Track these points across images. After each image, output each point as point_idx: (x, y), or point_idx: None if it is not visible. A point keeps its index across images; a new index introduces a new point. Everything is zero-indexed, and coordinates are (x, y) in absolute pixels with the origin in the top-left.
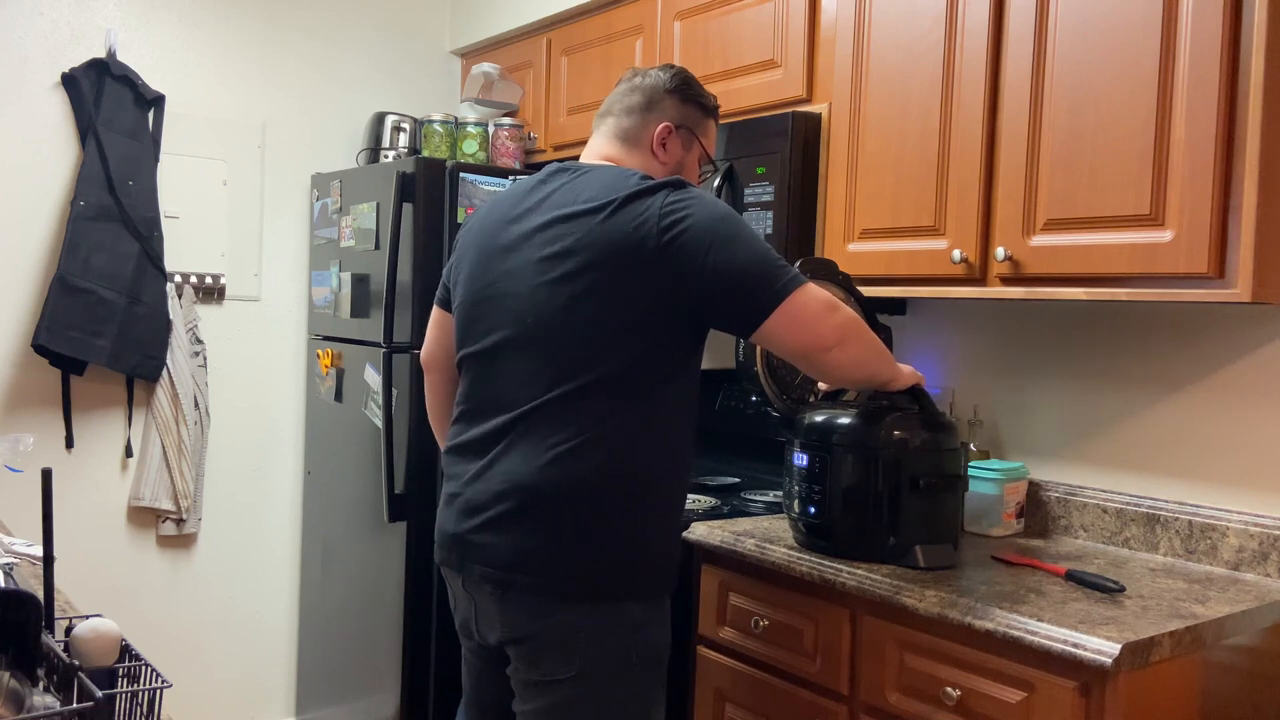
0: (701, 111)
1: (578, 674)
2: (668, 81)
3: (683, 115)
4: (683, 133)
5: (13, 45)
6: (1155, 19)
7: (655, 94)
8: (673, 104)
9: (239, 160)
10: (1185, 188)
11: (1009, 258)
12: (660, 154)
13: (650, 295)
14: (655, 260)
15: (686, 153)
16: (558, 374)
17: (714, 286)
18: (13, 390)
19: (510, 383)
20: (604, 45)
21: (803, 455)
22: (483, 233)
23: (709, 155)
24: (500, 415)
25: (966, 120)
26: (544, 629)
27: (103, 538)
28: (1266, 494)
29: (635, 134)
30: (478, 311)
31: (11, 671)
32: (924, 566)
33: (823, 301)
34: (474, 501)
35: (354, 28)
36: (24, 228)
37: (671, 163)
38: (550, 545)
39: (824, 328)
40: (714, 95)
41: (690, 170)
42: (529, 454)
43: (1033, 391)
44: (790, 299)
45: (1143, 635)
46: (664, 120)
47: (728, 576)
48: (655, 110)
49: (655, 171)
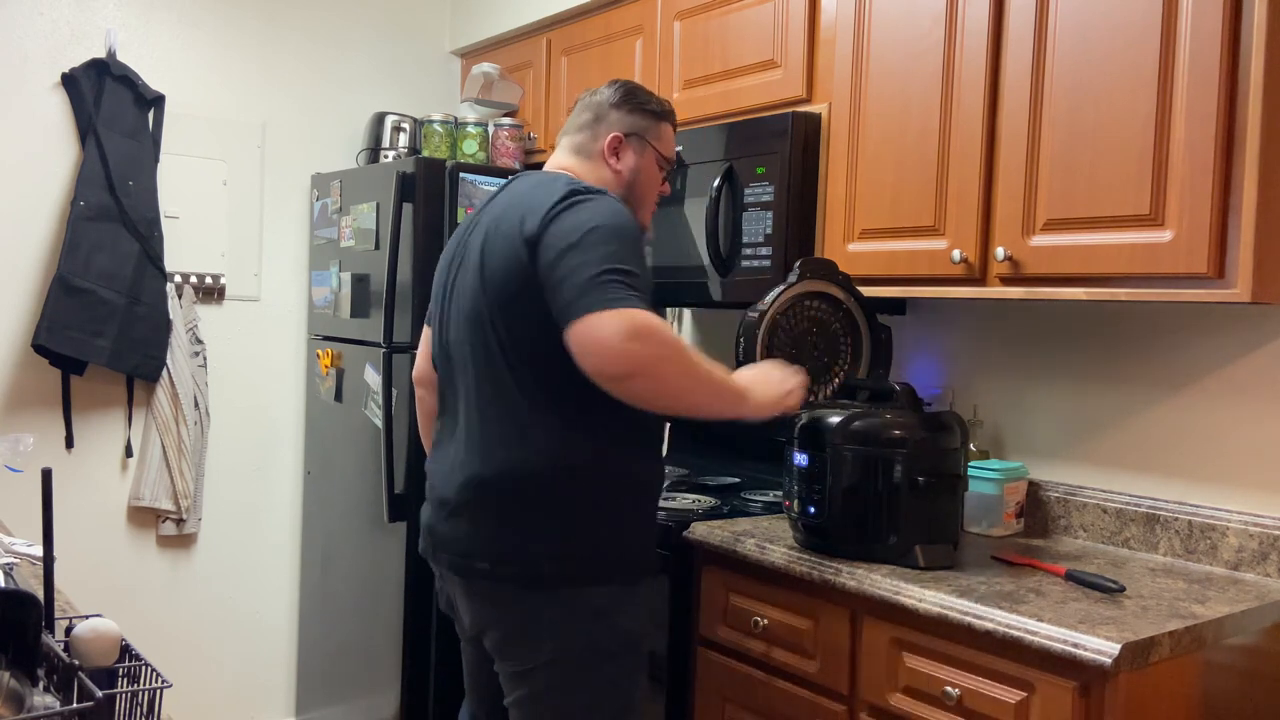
0: (650, 118)
1: (549, 661)
2: (613, 96)
3: (631, 124)
4: (633, 140)
5: (13, 45)
6: (1155, 19)
7: (602, 109)
8: (620, 115)
9: (239, 160)
10: (1185, 188)
11: (1009, 258)
12: (613, 162)
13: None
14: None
15: (640, 158)
16: (501, 371)
17: (547, 286)
18: (13, 390)
19: (465, 382)
20: (604, 45)
21: (802, 455)
22: (452, 242)
23: (665, 157)
24: (460, 413)
25: (966, 120)
26: (504, 616)
27: (103, 538)
28: (1266, 494)
29: (588, 147)
30: (443, 317)
31: (11, 671)
32: (924, 566)
33: (623, 329)
34: (442, 494)
35: (354, 28)
36: (24, 228)
37: (626, 169)
38: (503, 533)
39: (610, 355)
40: (665, 101)
41: (648, 174)
42: (482, 447)
43: (1033, 391)
44: (582, 320)
45: (1142, 635)
46: (613, 131)
47: (728, 576)
48: (604, 123)
49: (608, 179)
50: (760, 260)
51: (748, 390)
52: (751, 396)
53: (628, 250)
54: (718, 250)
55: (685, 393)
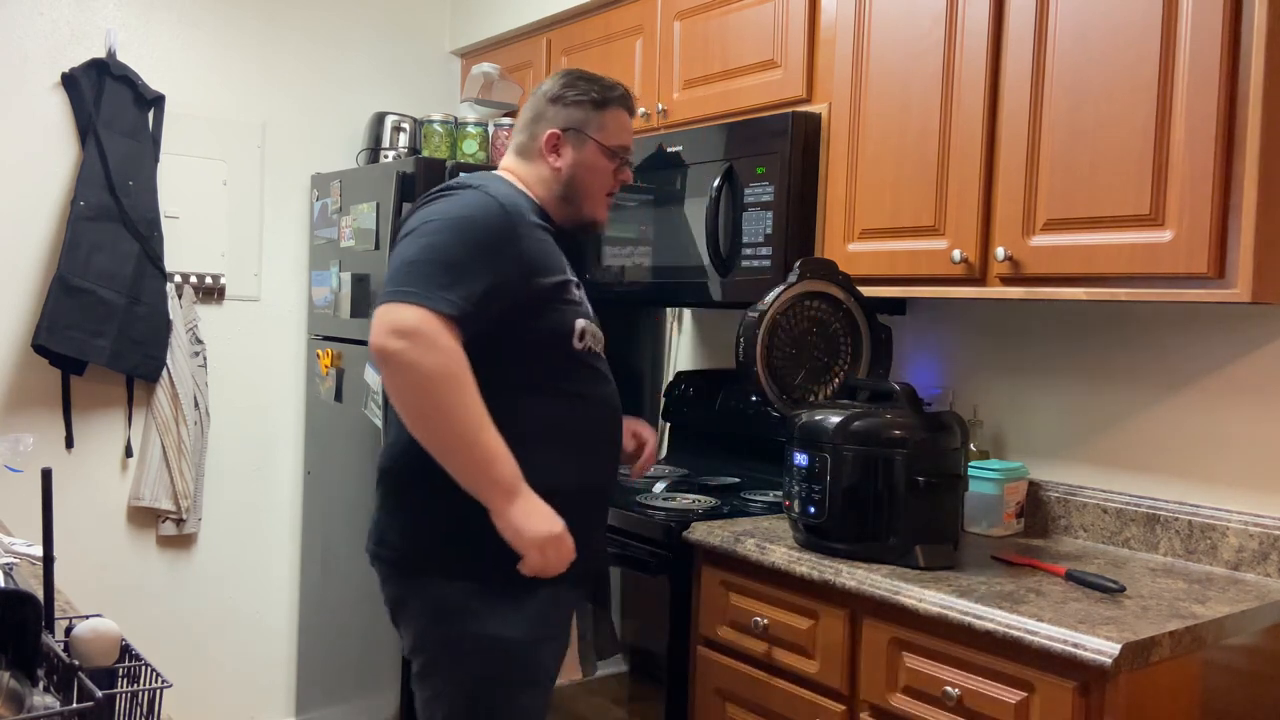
0: (589, 109)
1: (411, 648)
2: (551, 90)
3: (568, 118)
4: (571, 135)
5: (13, 45)
6: (1155, 19)
7: (540, 105)
8: (556, 110)
9: (239, 160)
10: (1185, 188)
11: (1009, 258)
12: (553, 160)
13: None
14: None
15: (580, 152)
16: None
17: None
18: (13, 390)
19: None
20: (604, 45)
21: (803, 455)
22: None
23: (609, 148)
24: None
25: (966, 120)
26: (386, 598)
27: (103, 538)
28: (1266, 494)
29: (528, 146)
30: None
31: (11, 671)
32: (924, 566)
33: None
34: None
35: (354, 28)
36: (24, 228)
37: (566, 166)
38: (382, 517)
39: (373, 346)
40: (613, 86)
41: (591, 167)
42: (387, 436)
43: (1033, 391)
44: (383, 306)
45: (1142, 635)
46: (550, 128)
47: (728, 576)
48: (542, 121)
49: (548, 179)
50: (760, 260)
51: (515, 493)
52: (515, 502)
53: (459, 244)
54: (718, 250)
55: (425, 416)
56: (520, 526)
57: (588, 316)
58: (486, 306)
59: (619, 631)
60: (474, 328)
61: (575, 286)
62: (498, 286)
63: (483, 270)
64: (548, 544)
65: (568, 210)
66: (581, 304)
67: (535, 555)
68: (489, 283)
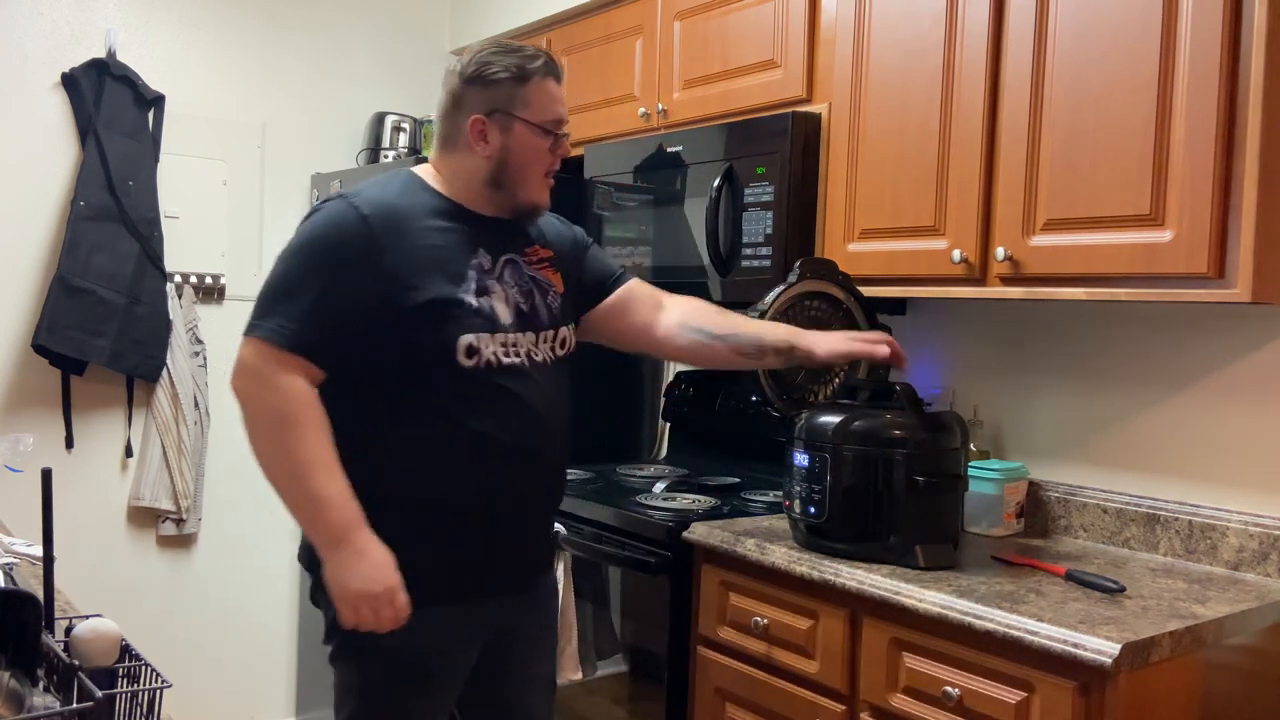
0: (508, 85)
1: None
2: (465, 69)
3: (490, 100)
4: (498, 117)
5: (13, 45)
6: (1155, 19)
7: (457, 89)
8: (475, 93)
9: (239, 160)
10: (1185, 188)
11: (1009, 258)
12: (483, 148)
13: None
14: None
15: (508, 135)
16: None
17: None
18: (13, 390)
19: None
20: (604, 45)
21: (803, 455)
22: None
23: (538, 124)
24: None
25: (966, 120)
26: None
27: (103, 538)
28: (1266, 494)
29: (452, 137)
30: None
31: (11, 671)
32: (924, 566)
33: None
34: None
35: (354, 27)
36: (24, 228)
37: (495, 152)
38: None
39: (237, 381)
40: (528, 56)
41: (522, 147)
42: None
43: (1033, 391)
44: (244, 340)
45: (1143, 635)
46: (473, 114)
47: (728, 576)
48: (463, 108)
49: (477, 169)
50: (760, 260)
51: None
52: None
53: (298, 266)
54: (718, 250)
55: (262, 455)
56: (337, 578)
57: (492, 328)
58: (327, 324)
59: (618, 631)
60: (330, 348)
61: (477, 294)
62: (339, 302)
63: (317, 288)
64: (361, 601)
65: (501, 198)
66: (476, 316)
67: (347, 611)
68: (319, 300)
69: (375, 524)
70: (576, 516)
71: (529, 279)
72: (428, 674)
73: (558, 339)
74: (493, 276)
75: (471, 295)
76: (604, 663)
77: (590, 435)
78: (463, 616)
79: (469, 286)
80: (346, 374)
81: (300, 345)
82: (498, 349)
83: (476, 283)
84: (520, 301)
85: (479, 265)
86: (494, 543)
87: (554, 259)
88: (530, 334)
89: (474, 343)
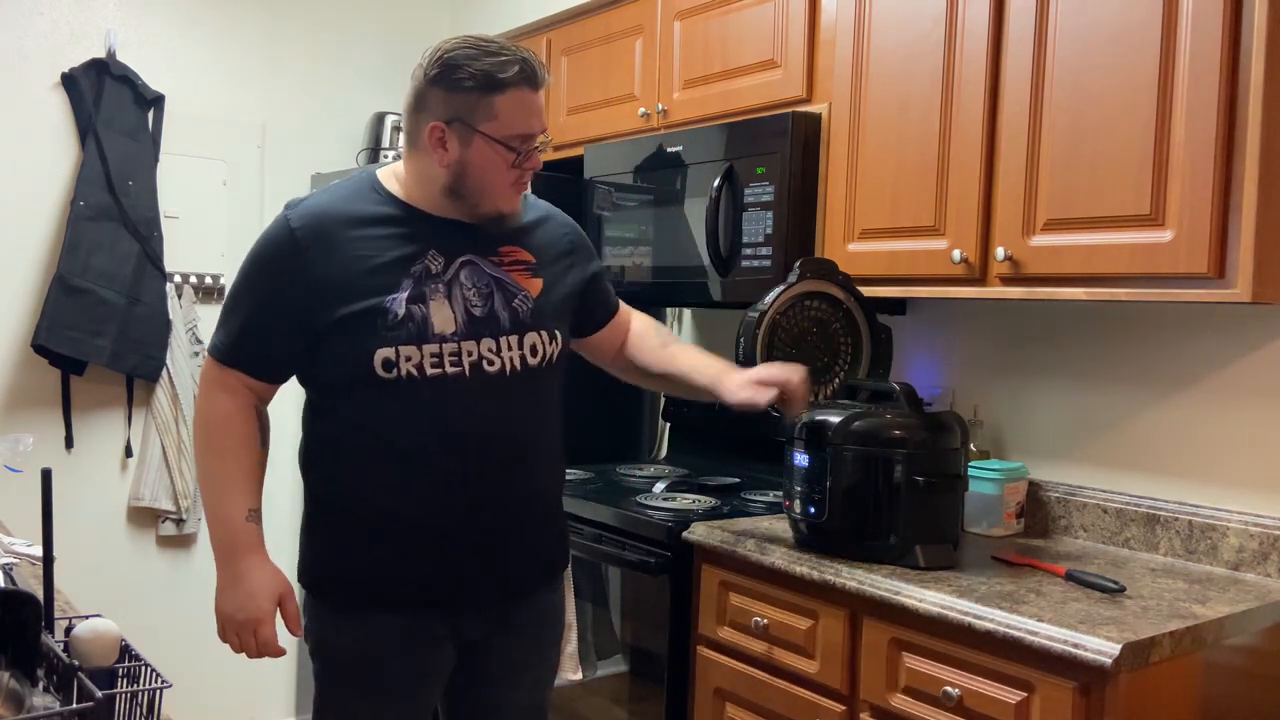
0: (476, 93)
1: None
2: (431, 68)
3: (452, 108)
4: (457, 127)
5: (13, 45)
6: (1155, 20)
7: (421, 87)
8: (439, 96)
9: (239, 160)
10: (1185, 188)
11: (1009, 258)
12: (440, 156)
13: None
14: None
15: (467, 149)
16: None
17: None
18: (13, 390)
19: None
20: (604, 45)
21: (803, 455)
22: None
23: (502, 141)
24: None
25: (966, 120)
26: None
27: (103, 538)
28: (1266, 494)
29: (414, 135)
30: None
31: (11, 671)
32: (924, 566)
33: (201, 378)
34: None
35: (354, 27)
36: (24, 228)
37: (451, 162)
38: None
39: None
40: (509, 61)
41: (481, 161)
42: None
43: (1033, 391)
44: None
45: (1143, 635)
46: (432, 119)
47: (728, 576)
48: (425, 109)
49: (436, 175)
50: (760, 260)
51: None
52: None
53: (239, 284)
54: (718, 250)
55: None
56: (219, 596)
57: (420, 339)
58: (263, 338)
59: (618, 631)
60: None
61: (410, 302)
62: (273, 316)
63: (252, 304)
64: (227, 624)
65: (462, 206)
66: (401, 327)
67: (220, 630)
68: (253, 316)
69: (323, 528)
70: (576, 516)
71: (490, 280)
72: (379, 679)
73: (525, 344)
74: (441, 280)
75: (401, 304)
76: (604, 663)
77: (590, 435)
78: (410, 625)
79: (399, 296)
80: (306, 382)
81: (236, 360)
82: (425, 360)
83: (412, 290)
84: (475, 305)
85: (423, 270)
86: (435, 556)
87: (535, 265)
88: (488, 340)
89: (391, 356)
